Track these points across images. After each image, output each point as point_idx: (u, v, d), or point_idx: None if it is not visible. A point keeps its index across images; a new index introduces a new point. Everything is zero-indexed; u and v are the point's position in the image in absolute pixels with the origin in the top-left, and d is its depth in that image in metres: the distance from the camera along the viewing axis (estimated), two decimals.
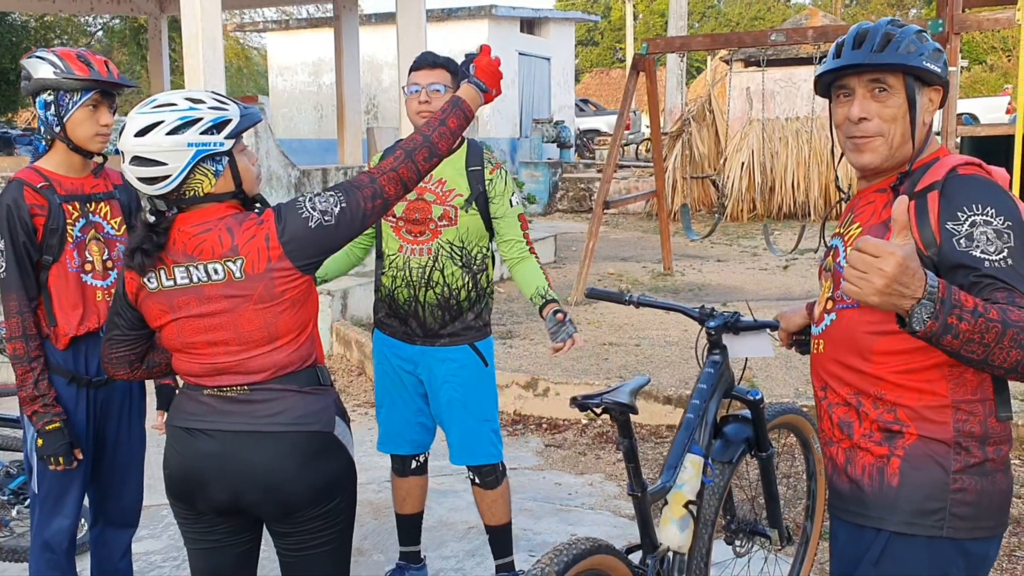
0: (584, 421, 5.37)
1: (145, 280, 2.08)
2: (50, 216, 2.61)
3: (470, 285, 3.17)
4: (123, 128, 2.05)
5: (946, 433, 1.80)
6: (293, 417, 2.10)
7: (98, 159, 2.81)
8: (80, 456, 2.68)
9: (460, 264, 3.15)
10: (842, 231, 1.98)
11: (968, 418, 1.80)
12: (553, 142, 19.37)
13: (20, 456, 4.25)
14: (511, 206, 3.19)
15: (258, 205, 2.16)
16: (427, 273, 3.13)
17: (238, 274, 2.02)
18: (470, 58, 2.54)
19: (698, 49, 9.01)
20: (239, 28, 25.86)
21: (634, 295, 2.98)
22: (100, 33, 29.91)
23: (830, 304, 1.95)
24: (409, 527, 3.47)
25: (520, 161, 18.39)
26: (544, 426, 5.38)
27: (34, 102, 2.67)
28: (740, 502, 3.33)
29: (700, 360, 2.83)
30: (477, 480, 3.32)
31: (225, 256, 2.03)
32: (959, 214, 1.74)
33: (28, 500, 3.79)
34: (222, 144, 2.02)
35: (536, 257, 3.25)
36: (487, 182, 3.16)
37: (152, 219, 2.05)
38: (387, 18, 17.26)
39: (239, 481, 2.09)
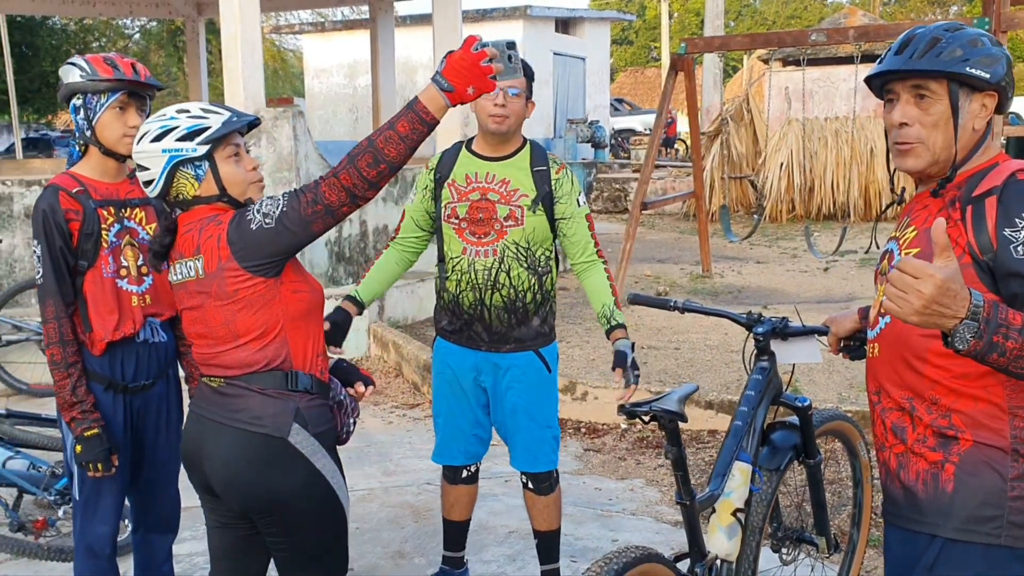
0: (623, 426, 5.33)
1: (169, 275, 2.28)
2: (85, 221, 2.62)
3: (536, 287, 3.13)
4: None
5: (1003, 440, 1.77)
6: (249, 416, 2.17)
7: (132, 164, 2.81)
8: (117, 462, 2.69)
9: (526, 266, 3.10)
10: (898, 235, 1.97)
11: None
12: (588, 142, 19.31)
13: (62, 456, 4.31)
14: (578, 206, 3.14)
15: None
16: (493, 275, 3.08)
17: (201, 272, 2.17)
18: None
19: (737, 49, 8.93)
20: (275, 30, 26.04)
21: (679, 301, 2.95)
22: (137, 36, 30.27)
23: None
24: (455, 533, 3.45)
25: None
26: (583, 430, 5.35)
27: (68, 108, 2.71)
28: (786, 508, 3.29)
29: (747, 367, 2.79)
30: (531, 486, 3.28)
31: (194, 255, 2.17)
32: (1017, 220, 1.72)
33: (72, 503, 3.84)
34: (195, 150, 2.15)
35: (604, 262, 3.20)
36: (554, 182, 3.11)
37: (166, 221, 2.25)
38: (422, 19, 17.32)
39: (208, 468, 2.22)
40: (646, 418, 2.38)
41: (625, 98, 32.27)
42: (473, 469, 3.38)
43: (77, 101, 2.66)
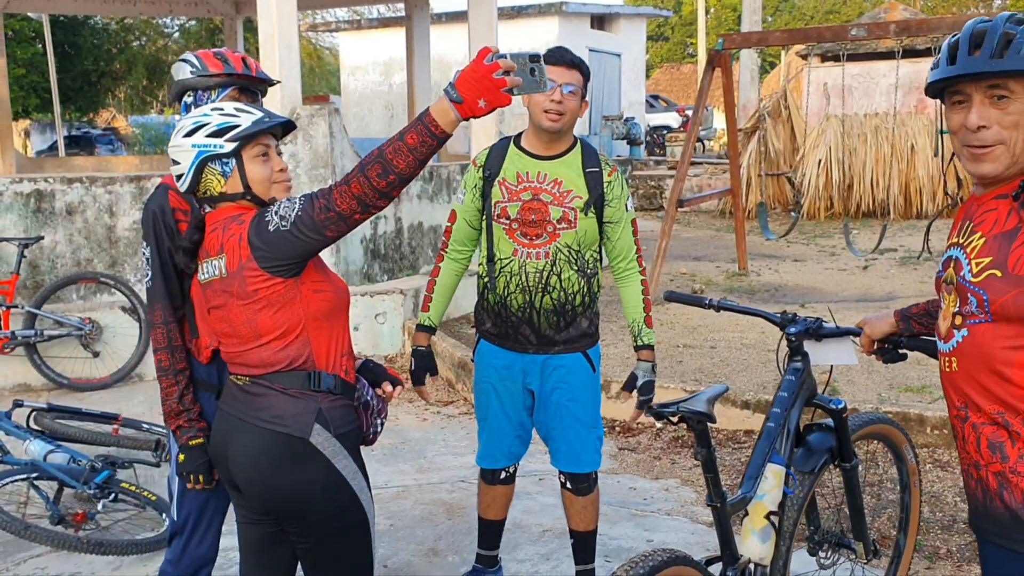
0: (658, 425, 5.29)
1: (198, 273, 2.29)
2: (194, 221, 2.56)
3: (584, 290, 3.09)
4: None
5: None
6: (271, 416, 2.18)
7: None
8: (218, 476, 2.55)
9: (576, 268, 3.06)
10: (961, 241, 1.87)
11: None
12: (623, 139, 19.22)
13: (105, 451, 4.37)
14: (627, 211, 3.12)
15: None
16: (544, 277, 3.04)
17: (224, 271, 2.18)
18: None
19: (776, 44, 8.84)
20: (311, 28, 26.21)
21: (714, 299, 2.92)
22: (177, 35, 30.61)
23: (959, 320, 1.84)
24: (491, 532, 3.44)
25: None
26: (617, 429, 5.32)
27: (179, 106, 2.67)
28: (824, 511, 3.23)
29: (781, 367, 2.74)
30: (570, 486, 3.26)
31: (218, 254, 2.20)
32: None
33: (113, 495, 3.88)
34: (222, 146, 2.18)
35: (642, 271, 3.17)
36: (606, 184, 3.07)
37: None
38: (457, 17, 17.32)
39: (232, 466, 2.25)
40: (675, 419, 2.35)
41: (661, 94, 32.07)
42: (512, 470, 3.36)
43: (188, 99, 2.64)
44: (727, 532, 2.45)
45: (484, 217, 3.13)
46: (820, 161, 14.27)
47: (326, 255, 7.51)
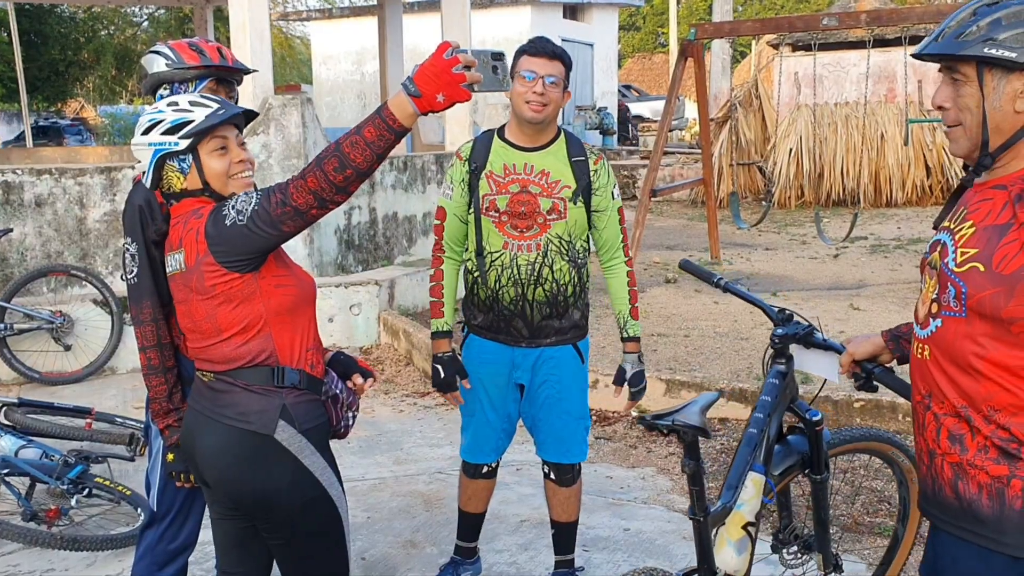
0: (634, 413, 5.32)
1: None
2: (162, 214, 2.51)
3: (576, 280, 3.09)
4: None
5: None
6: (235, 413, 2.17)
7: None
8: None
9: (568, 259, 3.05)
10: (952, 226, 1.84)
11: None
12: (596, 129, 19.24)
13: (78, 445, 4.32)
14: (613, 199, 3.11)
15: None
16: (536, 269, 3.02)
17: (183, 266, 2.17)
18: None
19: (748, 34, 8.87)
20: (282, 17, 25.98)
21: (724, 279, 2.88)
22: (146, 24, 30.23)
23: (935, 307, 1.83)
24: (470, 524, 3.43)
25: None
26: (594, 418, 5.32)
27: (154, 99, 2.61)
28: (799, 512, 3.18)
29: (764, 367, 2.66)
30: (554, 476, 3.26)
31: (177, 248, 2.18)
32: None
33: (87, 490, 3.85)
34: (177, 143, 2.15)
35: (628, 262, 3.16)
36: (592, 173, 3.06)
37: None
38: (431, 6, 17.24)
39: (200, 462, 2.24)
40: (666, 431, 2.28)
41: (633, 84, 32.10)
42: (495, 465, 3.35)
43: (164, 91, 2.59)
44: (707, 546, 2.39)
45: (471, 211, 3.10)
46: (791, 150, 14.38)
47: (299, 245, 7.48)
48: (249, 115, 2.26)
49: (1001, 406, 1.73)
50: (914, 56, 1.85)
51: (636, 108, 26.30)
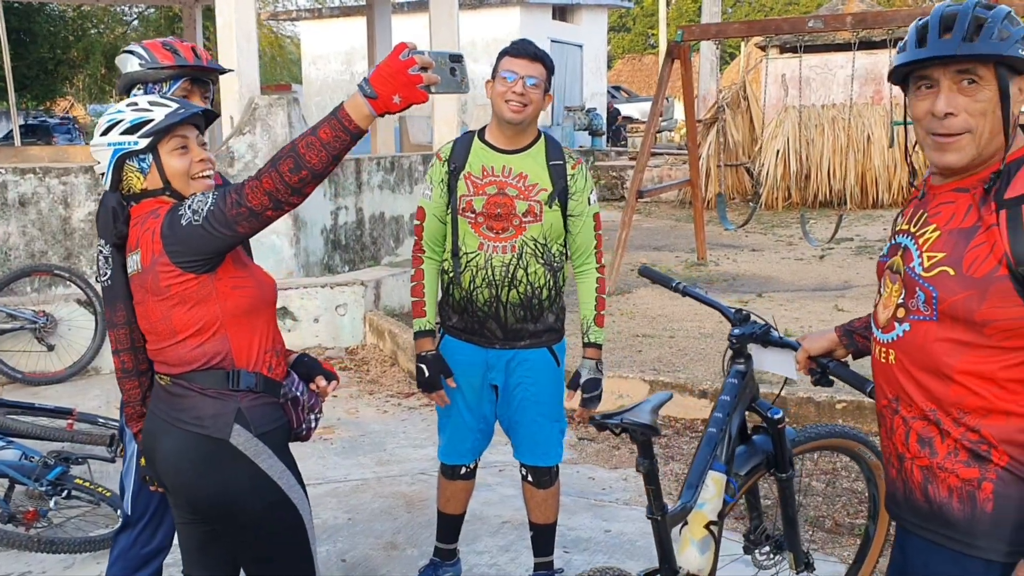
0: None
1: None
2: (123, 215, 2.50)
3: (551, 283, 3.09)
4: None
5: None
6: (191, 417, 2.15)
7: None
8: None
9: (543, 262, 3.05)
10: (913, 230, 1.83)
11: None
12: (585, 130, 19.26)
13: (59, 446, 4.30)
14: (589, 204, 3.11)
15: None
16: (511, 271, 3.02)
17: (139, 266, 2.15)
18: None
19: (734, 36, 8.89)
20: (272, 17, 25.93)
21: (682, 284, 2.90)
22: (136, 23, 30.13)
23: (902, 312, 1.82)
24: (449, 526, 3.43)
25: None
26: (577, 419, 5.33)
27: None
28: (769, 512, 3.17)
29: (724, 368, 2.67)
30: (531, 478, 3.26)
31: (135, 249, 2.17)
32: None
33: (66, 492, 3.83)
34: (136, 143, 2.14)
35: (599, 268, 3.17)
36: (569, 177, 3.06)
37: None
38: (420, 6, 17.23)
39: (159, 467, 2.23)
40: (617, 430, 2.28)
41: (623, 85, 32.15)
42: (473, 466, 3.35)
43: (138, 91, 2.58)
44: (667, 545, 2.40)
45: (449, 211, 3.10)
46: (778, 152, 14.42)
47: (285, 245, 7.47)
48: (209, 115, 2.25)
49: (971, 409, 1.73)
50: (926, 60, 1.72)
51: (626, 109, 26.33)
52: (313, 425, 2.35)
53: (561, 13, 21.44)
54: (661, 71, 8.66)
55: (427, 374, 3.15)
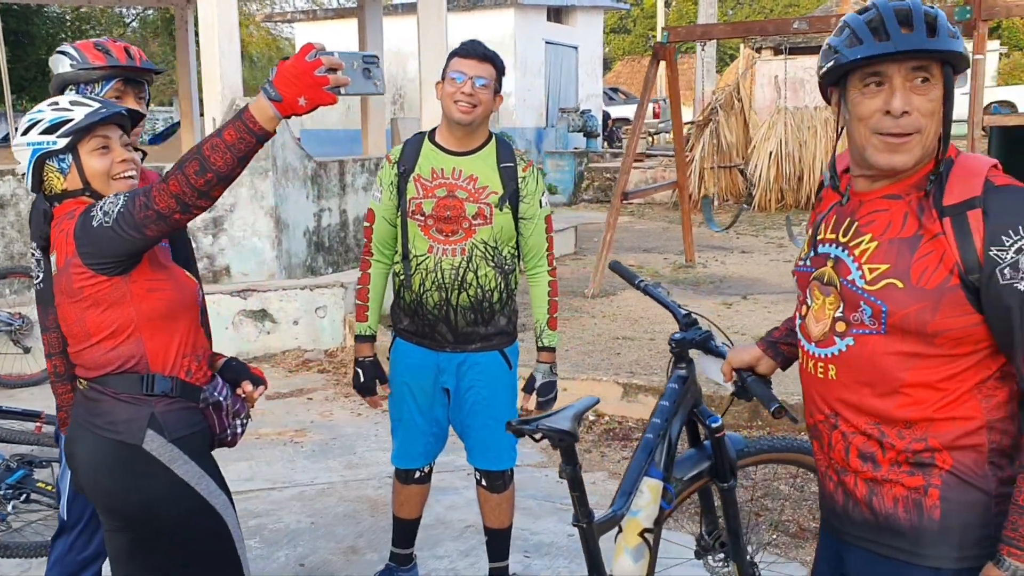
0: (591, 417, 5.30)
1: None
2: (46, 217, 2.45)
3: (502, 286, 3.07)
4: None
5: (982, 456, 1.68)
6: (105, 422, 2.13)
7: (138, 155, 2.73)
8: None
9: (493, 264, 3.03)
10: (844, 240, 1.77)
11: (1001, 437, 1.69)
12: (579, 131, 19.22)
13: (22, 449, 4.27)
14: (540, 207, 3.09)
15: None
16: (460, 274, 3.00)
17: (55, 267, 2.14)
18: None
19: (720, 37, 8.87)
20: (267, 18, 25.93)
21: (645, 282, 2.84)
22: (135, 24, 30.16)
23: (842, 326, 1.75)
24: (404, 530, 3.40)
25: (545, 151, 18.28)
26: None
27: None
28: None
29: (668, 372, 2.63)
30: (485, 483, 3.24)
31: (54, 249, 2.15)
32: (1004, 239, 1.60)
33: (25, 495, 3.80)
34: (55, 143, 2.11)
35: (551, 271, 3.16)
36: (520, 179, 3.04)
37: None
38: (411, 8, 17.19)
39: (79, 473, 2.20)
40: (536, 436, 2.22)
41: (621, 87, 32.11)
42: (427, 470, 3.32)
43: (70, 92, 2.55)
44: (595, 554, 2.36)
45: (399, 214, 3.08)
46: (771, 153, 14.37)
47: (267, 247, 7.45)
48: (135, 116, 2.23)
49: (917, 420, 1.70)
50: (885, 56, 1.64)
51: (624, 111, 26.30)
52: (239, 431, 2.33)
53: (556, 15, 21.40)
54: (647, 73, 8.63)
55: (362, 379, 3.17)
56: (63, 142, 2.11)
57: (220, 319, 6.77)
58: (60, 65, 2.56)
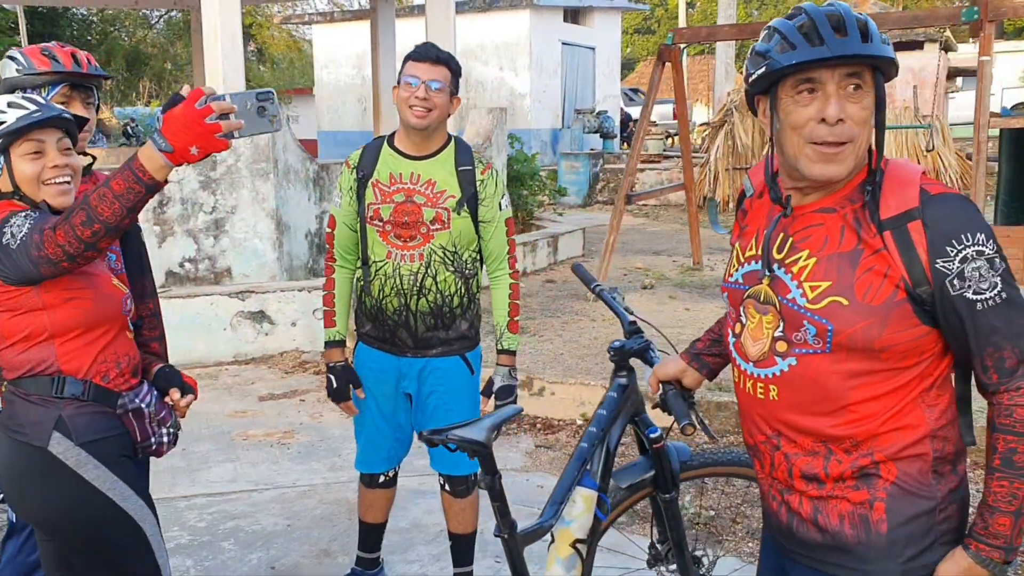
0: (579, 421, 5.27)
1: None
2: None
3: (462, 291, 3.06)
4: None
5: (925, 464, 1.66)
6: (15, 424, 2.12)
7: (86, 159, 2.68)
8: None
9: (453, 270, 3.02)
10: (779, 257, 1.72)
11: (944, 444, 1.68)
12: (595, 132, 19.17)
13: None
14: (500, 209, 3.08)
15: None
16: (419, 280, 2.99)
17: None
18: (172, 101, 1.94)
19: (725, 39, 8.81)
20: (285, 20, 26.09)
21: (600, 285, 2.80)
22: (160, 25, 30.49)
23: (783, 346, 1.70)
24: (370, 535, 3.40)
25: (560, 152, 18.22)
26: (538, 426, 5.29)
27: None
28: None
29: (611, 380, 2.60)
30: (448, 488, 3.23)
31: None
32: (948, 249, 1.57)
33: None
34: None
35: (513, 274, 3.14)
36: (479, 183, 3.03)
37: None
38: (424, 10, 17.23)
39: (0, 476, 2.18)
40: (452, 445, 2.19)
41: (642, 88, 31.98)
42: (391, 474, 3.32)
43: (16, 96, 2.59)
44: (518, 564, 2.32)
45: (358, 219, 3.07)
46: None
47: (268, 249, 7.48)
48: (80, 121, 2.21)
49: (863, 437, 1.67)
50: (822, 60, 1.60)
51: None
52: (166, 439, 2.30)
53: (573, 15, 21.35)
54: (652, 74, 8.58)
55: (335, 384, 3.14)
56: None
57: (218, 320, 6.81)
58: (7, 70, 2.57)
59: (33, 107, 2.12)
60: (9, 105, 2.12)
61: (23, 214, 2.05)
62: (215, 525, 4.04)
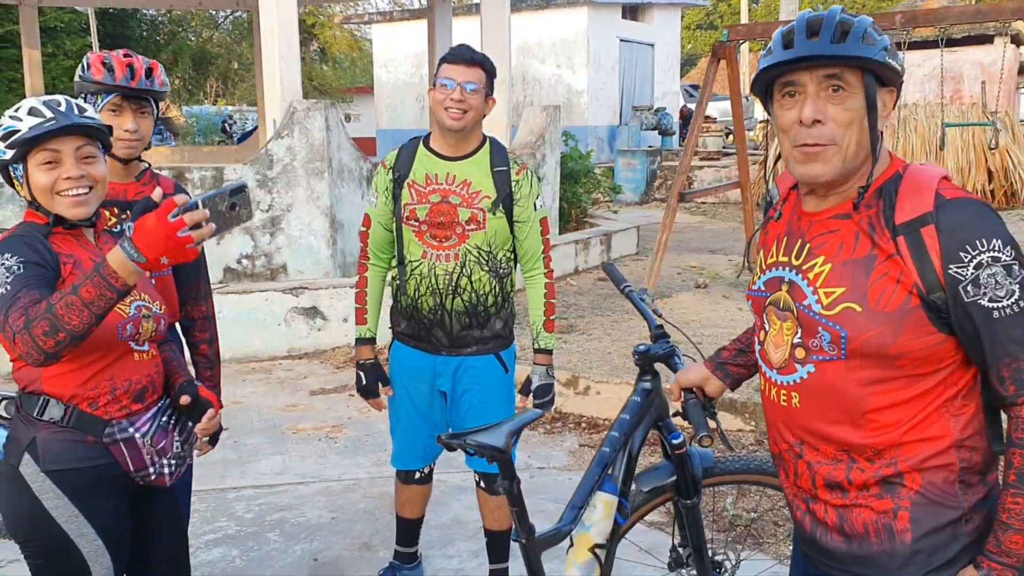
0: None
1: None
2: None
3: (497, 290, 3.09)
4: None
5: (951, 474, 1.64)
6: (5, 436, 2.11)
7: (142, 164, 2.78)
8: None
9: (487, 269, 3.05)
10: (796, 263, 1.72)
11: (971, 454, 1.65)
12: (653, 129, 19.04)
13: None
14: (535, 209, 3.10)
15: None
16: (454, 279, 3.03)
17: None
18: (144, 207, 1.94)
19: None
20: (345, 20, 26.39)
21: (628, 287, 2.80)
22: (227, 25, 31.05)
23: (801, 352, 1.71)
24: (407, 530, 3.45)
25: (617, 149, 18.15)
26: (583, 425, 5.30)
27: None
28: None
29: (636, 385, 2.58)
30: (483, 484, 3.27)
31: None
32: (962, 255, 1.55)
33: None
34: (4, 153, 2.03)
35: (548, 274, 3.16)
36: (514, 183, 3.06)
37: None
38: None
39: None
40: (470, 451, 2.19)
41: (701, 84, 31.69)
42: (427, 471, 3.36)
43: (80, 100, 2.64)
44: (536, 570, 2.32)
45: (394, 219, 3.11)
46: None
47: (322, 247, 7.59)
48: (99, 130, 2.11)
49: (885, 446, 1.66)
50: (791, 63, 1.63)
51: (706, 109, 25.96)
52: (167, 470, 2.20)
53: (632, 12, 21.22)
54: (707, 71, 8.51)
55: (364, 381, 3.21)
56: (10, 153, 2.04)
57: (273, 316, 6.96)
58: (79, 72, 2.67)
59: (49, 115, 2.04)
60: (28, 112, 2.06)
61: (13, 261, 1.96)
62: (262, 516, 4.14)
